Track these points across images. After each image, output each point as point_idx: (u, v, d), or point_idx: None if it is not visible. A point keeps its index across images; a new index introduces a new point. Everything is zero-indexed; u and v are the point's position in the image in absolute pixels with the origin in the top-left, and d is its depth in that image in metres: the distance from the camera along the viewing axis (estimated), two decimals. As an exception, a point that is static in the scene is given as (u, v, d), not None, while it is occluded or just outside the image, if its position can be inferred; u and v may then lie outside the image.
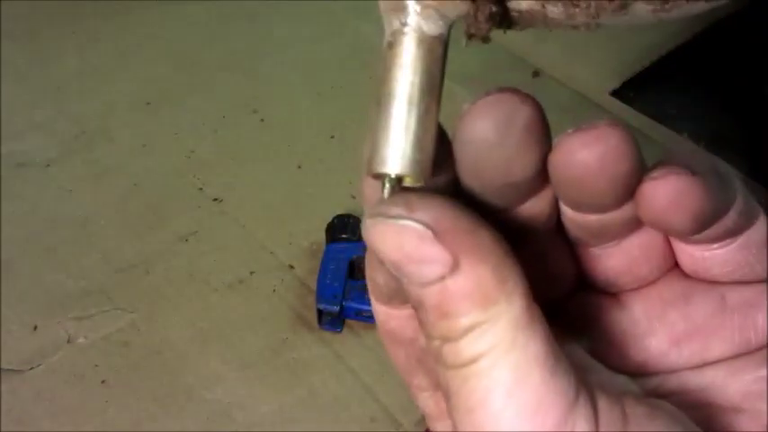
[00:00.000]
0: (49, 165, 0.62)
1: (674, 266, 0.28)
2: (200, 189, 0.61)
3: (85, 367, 0.50)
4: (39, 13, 0.75)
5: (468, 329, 0.22)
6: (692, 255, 0.27)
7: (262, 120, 0.67)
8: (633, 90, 0.69)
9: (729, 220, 0.25)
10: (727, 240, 0.26)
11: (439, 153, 0.23)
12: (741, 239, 0.26)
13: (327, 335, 0.52)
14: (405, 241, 0.21)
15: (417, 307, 0.22)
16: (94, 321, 0.52)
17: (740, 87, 0.68)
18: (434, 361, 0.23)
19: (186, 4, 0.77)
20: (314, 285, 0.53)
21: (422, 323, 0.23)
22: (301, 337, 0.52)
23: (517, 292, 0.22)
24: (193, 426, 0.47)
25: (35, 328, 0.52)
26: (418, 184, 0.22)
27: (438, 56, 0.21)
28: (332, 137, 0.65)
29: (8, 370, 0.49)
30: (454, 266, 0.21)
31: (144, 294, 0.54)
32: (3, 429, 0.47)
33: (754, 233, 0.26)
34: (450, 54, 0.22)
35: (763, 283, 0.27)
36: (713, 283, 0.27)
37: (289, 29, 0.75)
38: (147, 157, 0.63)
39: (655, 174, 0.23)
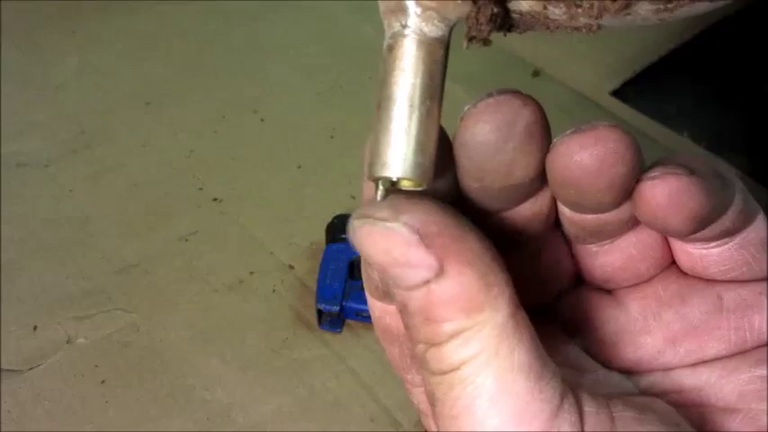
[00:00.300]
0: (48, 165, 0.62)
1: (671, 264, 0.28)
2: (200, 189, 0.61)
3: (85, 367, 0.50)
4: (39, 14, 0.75)
5: (452, 335, 0.21)
6: (690, 253, 0.27)
7: (262, 120, 0.67)
8: (633, 90, 0.69)
9: (728, 219, 0.25)
10: (726, 239, 0.26)
11: (440, 156, 0.22)
12: (739, 238, 0.26)
13: (327, 335, 0.52)
14: (391, 245, 0.21)
15: (402, 310, 0.22)
16: (94, 321, 0.52)
17: (740, 87, 0.68)
18: (419, 365, 0.23)
19: (186, 4, 0.77)
20: (314, 285, 0.53)
21: (407, 327, 0.23)
22: (301, 337, 0.52)
23: (503, 299, 0.22)
24: (193, 426, 0.47)
25: (35, 328, 0.52)
26: (420, 188, 0.22)
27: (439, 58, 0.21)
28: (332, 137, 0.65)
29: (8, 370, 0.49)
30: (439, 272, 0.21)
31: (144, 294, 0.54)
32: (3, 429, 0.46)
33: (753, 232, 0.26)
34: (450, 54, 0.22)
35: (760, 283, 0.27)
36: (710, 281, 0.27)
37: (289, 29, 0.75)
38: (147, 157, 0.63)
39: (652, 173, 0.23)
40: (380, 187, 0.22)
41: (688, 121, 0.65)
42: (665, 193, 0.23)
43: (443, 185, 0.24)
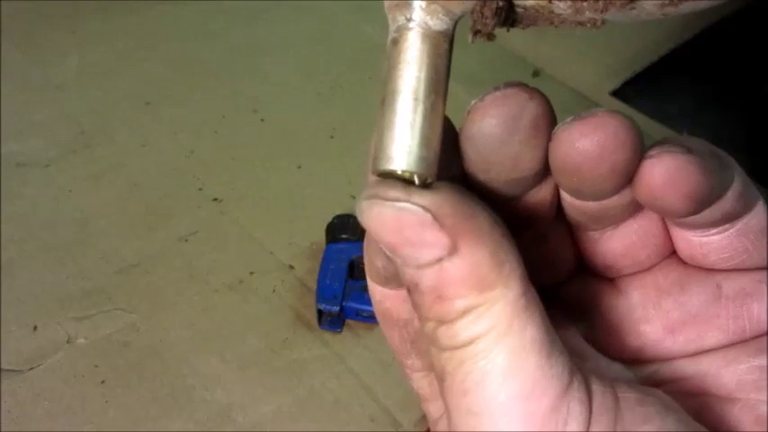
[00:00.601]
0: (48, 165, 0.62)
1: (671, 253, 0.28)
2: (200, 189, 0.61)
3: (85, 367, 0.50)
4: (39, 14, 0.75)
5: (465, 312, 0.22)
6: (690, 240, 0.27)
7: (262, 120, 0.67)
8: (633, 90, 0.69)
9: (727, 203, 0.25)
10: (726, 226, 0.26)
11: (446, 149, 0.22)
12: (739, 225, 0.26)
13: (327, 335, 0.52)
14: (403, 224, 0.21)
15: (412, 289, 0.22)
16: (94, 321, 0.52)
17: (740, 87, 0.68)
18: (428, 343, 0.23)
19: (186, 4, 0.77)
20: (314, 285, 0.53)
21: (416, 305, 0.23)
22: (301, 337, 0.52)
23: (514, 276, 0.22)
24: (193, 426, 0.47)
25: (35, 328, 0.51)
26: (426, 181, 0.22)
27: (443, 51, 0.21)
28: (332, 137, 0.65)
29: (8, 370, 0.49)
30: (452, 250, 0.21)
31: (144, 294, 0.54)
32: (3, 429, 0.46)
33: (753, 220, 0.26)
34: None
35: (760, 272, 0.27)
36: (710, 270, 0.27)
37: (289, 29, 0.75)
38: (147, 157, 0.63)
39: (651, 153, 0.23)
40: (417, 180, 0.22)
41: (688, 121, 0.65)
42: (662, 172, 0.23)
43: (449, 178, 0.24)
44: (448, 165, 0.23)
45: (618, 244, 0.28)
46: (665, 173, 0.23)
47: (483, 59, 0.69)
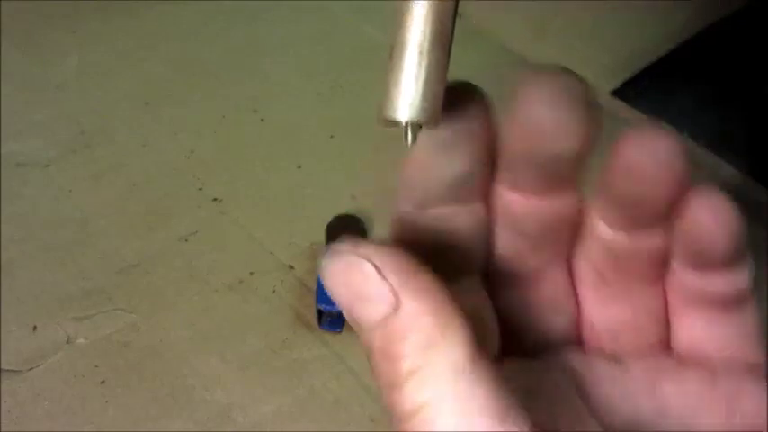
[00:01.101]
0: (48, 165, 0.62)
1: (667, 340, 0.29)
2: (200, 189, 0.61)
3: (85, 367, 0.50)
4: (39, 14, 0.75)
5: (410, 374, 0.21)
6: (692, 326, 0.27)
7: (262, 120, 0.67)
8: (633, 90, 0.69)
9: (742, 274, 0.26)
10: (730, 311, 0.27)
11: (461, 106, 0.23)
12: (738, 316, 0.27)
13: (327, 335, 0.52)
14: (351, 277, 0.22)
15: (369, 355, 0.22)
16: (94, 321, 0.52)
17: (740, 87, 0.68)
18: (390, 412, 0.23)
19: (186, 4, 0.77)
20: (314, 285, 0.53)
21: (373, 373, 0.23)
22: (301, 337, 0.52)
23: (458, 337, 0.21)
24: (193, 426, 0.47)
25: (35, 328, 0.51)
26: (431, 128, 0.23)
27: (449, 7, 0.22)
28: (332, 137, 0.65)
29: (8, 370, 0.49)
30: (396, 305, 0.21)
31: (144, 294, 0.54)
32: (3, 429, 0.46)
33: (748, 313, 0.27)
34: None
35: (752, 366, 0.28)
36: (705, 359, 0.28)
37: (289, 29, 0.75)
38: (147, 157, 0.63)
39: (697, 191, 0.24)
40: (410, 132, 0.23)
41: (688, 121, 0.65)
42: (712, 201, 0.24)
43: (464, 131, 0.24)
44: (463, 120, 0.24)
45: (624, 310, 0.28)
46: (716, 203, 0.24)
47: (483, 59, 0.69)
